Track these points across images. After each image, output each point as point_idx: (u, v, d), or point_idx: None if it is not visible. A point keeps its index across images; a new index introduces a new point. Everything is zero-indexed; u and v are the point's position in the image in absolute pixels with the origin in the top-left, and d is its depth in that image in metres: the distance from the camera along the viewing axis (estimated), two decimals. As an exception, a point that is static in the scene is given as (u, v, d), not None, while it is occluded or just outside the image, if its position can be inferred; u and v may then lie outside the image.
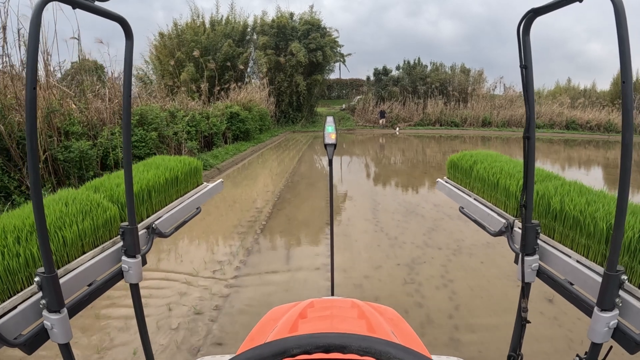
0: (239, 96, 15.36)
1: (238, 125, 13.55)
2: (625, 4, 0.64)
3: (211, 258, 3.93)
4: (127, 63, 0.97)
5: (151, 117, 8.25)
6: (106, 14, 0.81)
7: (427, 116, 24.81)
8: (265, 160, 11.39)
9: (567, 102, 26.48)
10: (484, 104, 25.43)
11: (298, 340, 0.47)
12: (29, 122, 0.67)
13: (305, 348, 0.46)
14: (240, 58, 21.11)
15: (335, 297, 1.23)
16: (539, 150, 15.32)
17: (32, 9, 0.63)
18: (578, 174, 10.17)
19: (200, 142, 11.11)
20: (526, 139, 0.94)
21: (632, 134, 0.67)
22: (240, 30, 22.42)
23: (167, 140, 8.82)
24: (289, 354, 0.46)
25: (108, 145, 6.90)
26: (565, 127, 25.19)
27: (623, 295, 0.81)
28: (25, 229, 0.89)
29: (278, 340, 0.47)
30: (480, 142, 18.76)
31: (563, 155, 14.62)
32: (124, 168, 1.03)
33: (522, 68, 0.91)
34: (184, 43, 20.63)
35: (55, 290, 0.77)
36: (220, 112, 12.97)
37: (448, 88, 25.69)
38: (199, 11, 24.12)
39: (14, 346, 0.74)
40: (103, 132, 7.03)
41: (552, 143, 18.97)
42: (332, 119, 1.76)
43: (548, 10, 0.82)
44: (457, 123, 24.69)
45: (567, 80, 30.76)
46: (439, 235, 4.66)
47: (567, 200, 1.09)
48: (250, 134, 14.41)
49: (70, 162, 5.95)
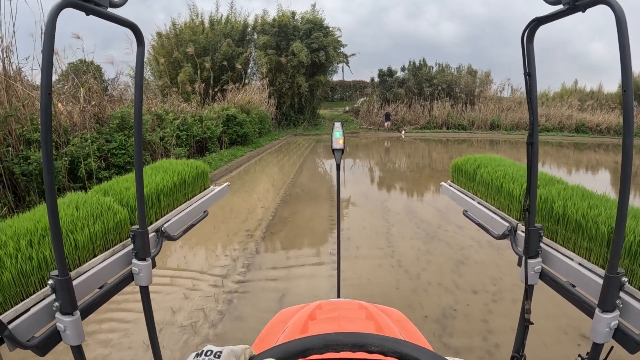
0: (236, 97, 14.44)
1: (235, 128, 12.66)
2: (625, 4, 0.66)
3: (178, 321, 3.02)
4: (139, 69, 0.97)
5: (133, 121, 7.35)
6: (118, 20, 0.81)
7: (434, 119, 23.86)
8: (263, 168, 10.49)
9: (576, 104, 25.56)
10: (492, 107, 24.50)
11: (381, 340, 0.53)
12: (44, 128, 0.67)
13: (382, 349, 0.53)
14: (240, 58, 20.25)
15: (342, 299, 1.21)
16: (548, 154, 15.05)
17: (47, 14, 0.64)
18: (586, 178, 9.82)
19: (192, 148, 10.22)
20: (529, 145, 0.95)
21: (632, 140, 0.69)
22: (240, 30, 21.56)
23: (153, 146, 7.93)
24: (365, 349, 0.53)
25: (78, 153, 6.00)
26: (575, 130, 24.42)
27: (624, 297, 0.83)
28: (37, 232, 0.89)
29: (363, 334, 0.54)
30: (489, 146, 17.93)
31: (572, 159, 14.14)
32: (135, 172, 1.00)
33: (526, 76, 0.94)
34: (182, 43, 19.84)
35: (69, 292, 0.78)
36: (216, 115, 12.09)
37: (455, 90, 24.74)
38: (197, 10, 23.32)
39: (27, 348, 0.75)
40: (74, 139, 6.14)
41: (561, 147, 18.25)
42: (340, 125, 1.75)
43: (551, 20, 0.84)
44: (465, 126, 23.76)
45: (574, 81, 30.11)
46: (471, 270, 3.74)
47: (570, 204, 1.11)
48: (249, 138, 13.51)
49: (28, 175, 5.05)
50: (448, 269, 3.76)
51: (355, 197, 6.95)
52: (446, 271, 3.72)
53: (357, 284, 3.43)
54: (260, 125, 15.73)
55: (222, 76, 18.56)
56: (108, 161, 6.84)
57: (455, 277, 3.59)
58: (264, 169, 10.35)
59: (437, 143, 18.72)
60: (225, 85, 16.23)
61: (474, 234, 4.60)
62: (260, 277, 3.61)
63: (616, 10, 0.64)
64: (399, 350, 0.52)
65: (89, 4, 0.71)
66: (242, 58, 20.26)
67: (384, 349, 0.52)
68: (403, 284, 3.46)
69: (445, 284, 3.46)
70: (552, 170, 11.23)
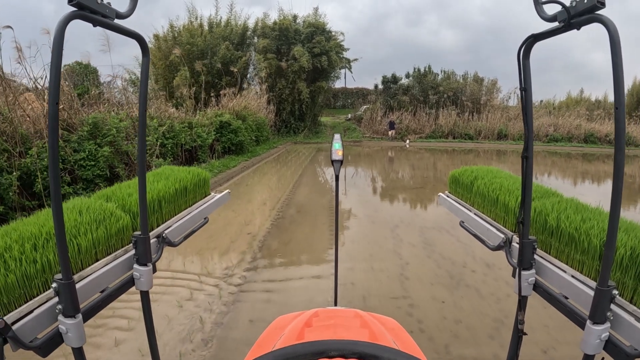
0: (230, 103, 13.54)
1: (229, 136, 11.77)
2: (627, 13, 0.66)
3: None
4: (144, 78, 0.99)
5: (107, 128, 6.46)
6: (125, 31, 0.84)
7: (440, 128, 22.95)
8: (257, 181, 9.56)
9: (584, 113, 24.76)
10: (499, 116, 23.63)
11: (339, 344, 0.54)
12: (51, 137, 0.69)
13: (343, 352, 0.54)
14: (239, 62, 19.44)
15: (339, 308, 1.21)
16: (556, 165, 14.81)
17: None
18: (590, 190, 9.54)
19: (179, 158, 9.32)
20: (524, 159, 0.97)
21: (623, 156, 0.71)
22: (239, 33, 20.79)
23: (130, 157, 7.02)
24: (326, 354, 0.54)
25: (35, 167, 5.10)
26: (584, 140, 23.57)
27: (614, 309, 0.85)
28: (42, 236, 0.91)
29: (322, 341, 0.55)
30: (496, 157, 17.05)
31: (580, 170, 13.73)
32: (138, 179, 1.03)
33: (521, 91, 0.95)
34: (179, 45, 19.05)
35: (72, 296, 0.80)
36: (209, 121, 11.21)
37: (462, 98, 23.87)
38: (196, 12, 22.56)
39: (29, 349, 0.76)
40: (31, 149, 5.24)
41: (570, 158, 17.49)
42: (339, 136, 1.74)
43: (547, 37, 0.86)
44: (472, 136, 22.85)
45: (579, 90, 29.58)
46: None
47: (563, 217, 1.12)
48: (244, 147, 12.61)
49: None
50: (485, 335, 2.82)
51: (360, 223, 6.02)
52: (483, 338, 2.78)
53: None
54: (257, 132, 14.85)
55: (220, 81, 17.73)
56: (74, 174, 5.93)
57: (496, 349, 2.64)
58: (259, 182, 9.42)
59: (442, 153, 17.81)
60: (222, 90, 15.36)
61: (509, 277, 3.66)
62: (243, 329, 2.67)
63: (610, 29, 0.66)
64: (358, 350, 0.54)
65: (96, 16, 0.74)
66: (240, 62, 19.45)
67: (344, 351, 0.54)
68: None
69: (485, 358, 2.53)
70: (558, 182, 10.92)
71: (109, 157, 6.20)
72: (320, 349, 0.53)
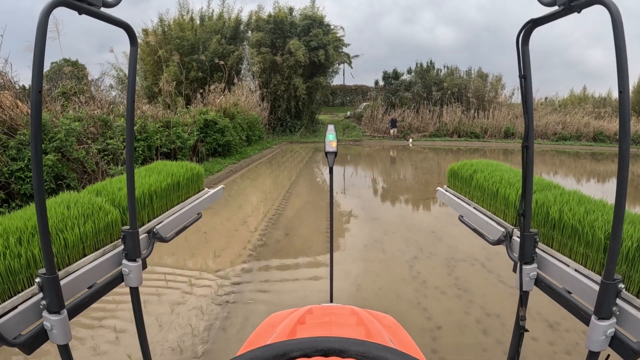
0: (217, 99, 12.38)
1: (215, 136, 10.62)
2: (624, 9, 0.65)
3: None
4: (132, 69, 0.97)
5: (55, 131, 5.32)
6: (111, 20, 0.81)
7: (444, 126, 21.80)
8: (242, 190, 8.43)
9: (590, 110, 23.71)
10: (505, 113, 22.50)
11: (298, 344, 0.51)
12: (33, 126, 0.67)
13: (305, 351, 0.50)
14: (231, 57, 18.27)
15: (334, 304, 1.15)
16: (565, 164, 14.38)
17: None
18: (596, 190, 8.96)
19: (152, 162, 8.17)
20: (525, 148, 0.93)
21: (629, 143, 0.68)
22: (232, 27, 19.59)
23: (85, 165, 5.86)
24: (289, 356, 0.50)
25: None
26: (593, 139, 22.60)
27: (620, 304, 0.80)
28: (27, 230, 0.89)
29: (279, 343, 0.51)
30: (503, 156, 16.02)
31: (588, 169, 13.26)
32: (127, 172, 1.01)
33: (521, 78, 0.92)
34: (169, 40, 17.89)
35: (56, 291, 0.77)
36: (192, 120, 10.07)
37: (467, 94, 22.70)
38: (188, 5, 21.39)
39: (13, 346, 0.74)
40: None
41: (578, 157, 16.68)
42: (333, 127, 1.73)
43: (547, 21, 0.82)
44: (478, 134, 21.71)
45: (582, 87, 28.79)
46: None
47: (566, 209, 1.08)
48: (232, 148, 11.47)
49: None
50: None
51: (367, 254, 4.90)
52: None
53: None
54: (248, 132, 13.71)
55: (212, 77, 16.57)
56: (9, 189, 4.80)
57: None
58: (243, 191, 8.28)
59: (447, 153, 16.69)
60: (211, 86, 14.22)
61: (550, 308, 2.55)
62: None
63: (612, 11, 0.64)
64: (321, 347, 0.52)
65: (81, 4, 0.70)
66: (233, 57, 18.28)
67: (306, 350, 0.51)
68: None
69: None
70: (565, 182, 10.18)
71: (54, 166, 5.07)
72: (281, 352, 0.50)
